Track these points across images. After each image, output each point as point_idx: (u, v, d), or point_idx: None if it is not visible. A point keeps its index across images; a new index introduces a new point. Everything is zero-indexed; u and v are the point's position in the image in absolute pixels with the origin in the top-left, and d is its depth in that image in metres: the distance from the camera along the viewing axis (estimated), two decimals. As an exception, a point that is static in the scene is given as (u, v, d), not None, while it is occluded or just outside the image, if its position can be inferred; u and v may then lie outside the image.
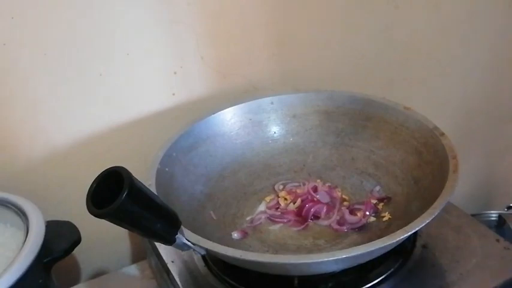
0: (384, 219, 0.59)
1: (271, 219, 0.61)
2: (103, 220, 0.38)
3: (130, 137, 0.69)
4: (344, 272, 0.51)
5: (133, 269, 0.71)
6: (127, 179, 0.37)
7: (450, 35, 0.89)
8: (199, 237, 0.46)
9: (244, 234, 0.59)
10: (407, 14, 0.82)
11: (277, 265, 0.45)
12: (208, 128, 0.66)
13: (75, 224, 0.60)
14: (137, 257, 0.77)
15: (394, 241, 0.44)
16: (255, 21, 0.71)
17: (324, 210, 0.61)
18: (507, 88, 1.01)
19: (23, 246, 0.50)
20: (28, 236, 0.52)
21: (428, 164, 0.57)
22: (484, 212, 0.89)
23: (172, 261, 0.58)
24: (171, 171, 0.59)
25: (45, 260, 0.54)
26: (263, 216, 0.62)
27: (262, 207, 0.63)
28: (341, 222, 0.59)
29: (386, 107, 0.65)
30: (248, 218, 0.62)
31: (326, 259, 0.43)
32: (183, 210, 0.55)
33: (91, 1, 0.59)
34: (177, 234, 0.45)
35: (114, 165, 0.39)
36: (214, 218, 0.61)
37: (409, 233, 0.45)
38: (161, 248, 0.60)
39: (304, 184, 0.65)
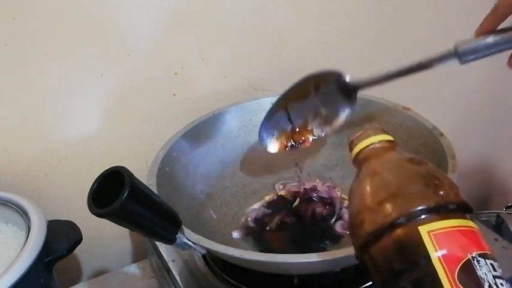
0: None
1: (271, 219, 0.62)
2: (104, 219, 0.38)
3: (131, 137, 0.70)
4: (344, 271, 0.52)
5: (134, 268, 0.71)
6: (128, 179, 0.37)
7: (449, 35, 0.89)
8: (200, 237, 0.47)
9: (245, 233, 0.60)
10: (406, 14, 0.82)
11: (276, 264, 0.45)
12: (209, 128, 0.67)
13: (76, 224, 0.60)
14: (138, 256, 0.77)
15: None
16: (255, 22, 0.71)
17: (323, 210, 0.61)
18: (506, 88, 1.01)
19: (24, 245, 0.50)
20: (29, 235, 0.52)
21: (427, 163, 0.57)
22: (482, 211, 0.89)
23: (173, 261, 0.59)
24: (171, 171, 0.59)
25: (46, 259, 0.54)
26: (263, 216, 0.62)
27: (262, 206, 0.64)
28: (344, 226, 0.59)
29: (386, 107, 0.65)
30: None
31: (325, 258, 0.43)
32: (184, 209, 0.55)
33: (92, 2, 0.60)
34: (177, 233, 0.45)
35: (115, 165, 0.39)
36: (215, 217, 0.61)
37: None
38: (162, 247, 0.61)
39: (303, 184, 0.66)
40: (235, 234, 0.59)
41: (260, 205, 0.64)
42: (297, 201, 0.63)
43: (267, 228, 0.60)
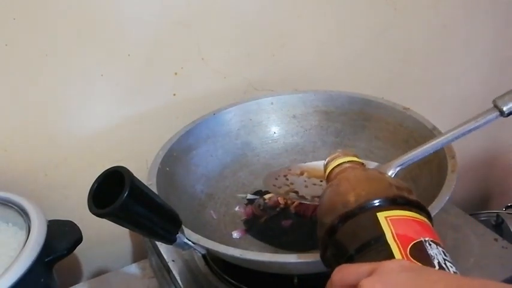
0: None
1: (271, 219, 0.62)
2: (104, 219, 0.38)
3: (131, 137, 0.70)
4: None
5: (134, 268, 0.71)
6: (128, 179, 0.37)
7: (449, 36, 0.89)
8: (200, 237, 0.47)
9: (244, 233, 0.60)
10: (406, 14, 0.82)
11: (276, 264, 0.45)
12: (209, 128, 0.67)
13: (77, 224, 0.60)
14: (138, 256, 0.77)
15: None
16: (255, 22, 0.71)
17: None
18: (506, 88, 1.01)
19: (24, 245, 0.51)
20: (30, 235, 0.52)
21: (427, 163, 0.57)
22: (482, 211, 0.89)
23: (173, 261, 0.59)
24: (171, 171, 0.59)
25: (46, 259, 0.54)
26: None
27: (262, 206, 0.64)
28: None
29: (385, 107, 0.65)
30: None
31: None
32: (184, 209, 0.55)
33: (92, 2, 0.60)
34: (177, 233, 0.45)
35: (115, 165, 0.39)
36: (215, 217, 0.61)
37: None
38: (162, 247, 0.61)
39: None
40: (235, 234, 0.59)
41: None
42: (297, 201, 0.63)
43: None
